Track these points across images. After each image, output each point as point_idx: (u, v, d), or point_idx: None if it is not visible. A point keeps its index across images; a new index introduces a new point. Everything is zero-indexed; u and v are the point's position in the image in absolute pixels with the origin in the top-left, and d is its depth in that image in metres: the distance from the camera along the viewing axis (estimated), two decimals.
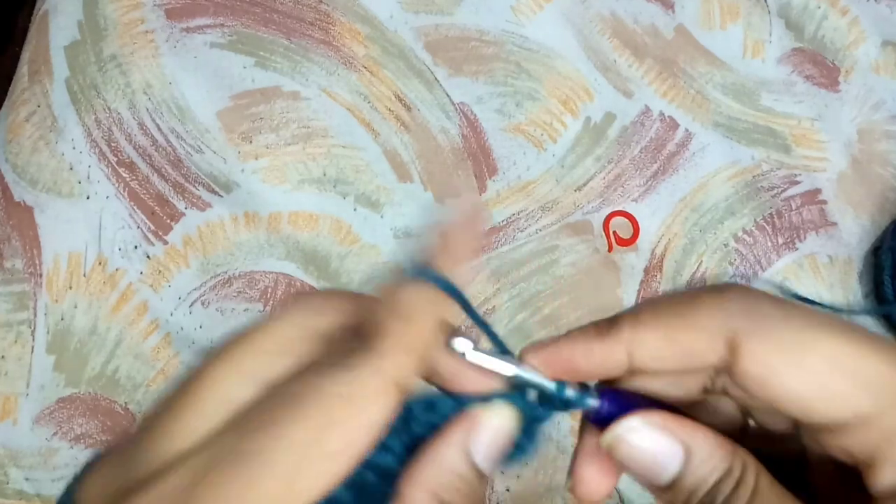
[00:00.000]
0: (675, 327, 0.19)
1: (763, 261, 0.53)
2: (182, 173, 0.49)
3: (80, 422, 0.46)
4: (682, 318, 0.19)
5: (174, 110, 0.50)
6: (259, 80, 0.51)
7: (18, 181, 0.49)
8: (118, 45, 0.51)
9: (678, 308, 0.20)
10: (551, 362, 0.21)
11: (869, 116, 0.58)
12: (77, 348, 0.47)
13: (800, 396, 0.18)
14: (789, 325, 0.18)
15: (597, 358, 0.20)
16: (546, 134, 0.54)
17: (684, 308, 0.19)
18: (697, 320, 0.19)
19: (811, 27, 0.59)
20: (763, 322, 0.18)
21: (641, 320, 0.20)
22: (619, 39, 0.57)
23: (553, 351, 0.21)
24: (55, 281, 0.47)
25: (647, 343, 0.19)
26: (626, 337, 0.20)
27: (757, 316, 0.18)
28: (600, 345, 0.20)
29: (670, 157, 0.55)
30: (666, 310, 0.20)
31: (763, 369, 0.18)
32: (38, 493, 0.45)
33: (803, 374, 0.18)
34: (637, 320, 0.20)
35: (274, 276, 0.49)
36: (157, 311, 0.48)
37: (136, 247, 0.48)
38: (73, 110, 0.50)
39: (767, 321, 0.18)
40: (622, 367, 0.20)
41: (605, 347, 0.20)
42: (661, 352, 0.19)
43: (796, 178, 0.55)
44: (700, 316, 0.19)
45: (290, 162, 0.50)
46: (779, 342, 0.18)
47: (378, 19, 0.54)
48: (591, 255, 0.52)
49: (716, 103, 0.56)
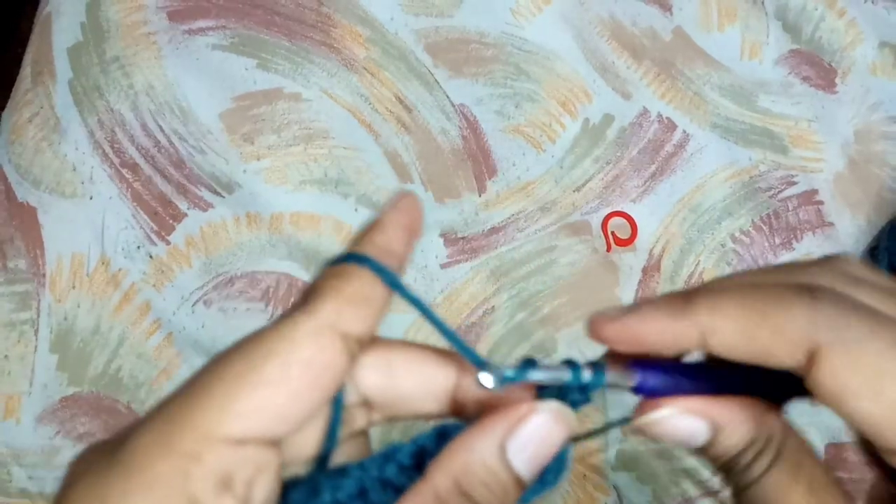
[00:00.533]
0: (756, 325, 0.18)
1: (760, 261, 0.53)
2: (184, 174, 0.50)
3: (83, 421, 0.46)
4: (766, 317, 0.18)
5: (176, 112, 0.51)
6: (261, 81, 0.52)
7: (22, 182, 0.49)
8: (121, 46, 0.52)
9: (764, 303, 0.19)
10: (620, 336, 0.20)
11: (866, 117, 0.58)
12: (80, 348, 0.47)
13: (873, 422, 0.18)
14: (875, 347, 0.18)
15: (668, 337, 0.19)
16: (545, 135, 0.54)
17: (771, 305, 0.18)
18: (782, 324, 0.18)
19: (808, 29, 0.59)
20: (848, 338, 0.18)
21: (721, 307, 0.19)
22: (618, 41, 0.57)
23: (622, 325, 0.20)
24: (58, 281, 0.48)
25: (723, 332, 0.19)
26: (702, 320, 0.19)
27: (843, 330, 0.18)
28: (673, 324, 0.19)
29: (668, 158, 0.55)
30: (751, 301, 0.19)
31: (840, 388, 0.18)
32: (40, 491, 0.45)
33: (880, 403, 0.17)
34: (716, 306, 0.19)
35: (276, 276, 0.49)
36: (160, 311, 0.48)
37: (139, 247, 0.49)
38: (75, 111, 0.50)
39: (852, 337, 0.18)
40: (692, 347, 0.19)
41: (679, 328, 0.19)
42: (737, 344, 0.19)
43: (793, 178, 0.56)
44: (786, 320, 0.18)
45: (291, 163, 0.51)
46: (860, 364, 0.17)
47: (378, 21, 0.55)
48: (589, 255, 0.52)
49: (713, 104, 0.57)
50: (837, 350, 0.17)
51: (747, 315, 0.18)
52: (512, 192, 0.53)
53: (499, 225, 0.52)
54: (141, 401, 0.47)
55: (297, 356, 0.18)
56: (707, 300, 0.19)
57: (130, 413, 0.47)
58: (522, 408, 0.19)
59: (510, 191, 0.53)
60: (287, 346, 0.18)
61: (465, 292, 0.51)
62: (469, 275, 0.51)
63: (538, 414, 0.19)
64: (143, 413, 0.47)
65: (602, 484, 0.49)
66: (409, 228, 0.21)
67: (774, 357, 0.18)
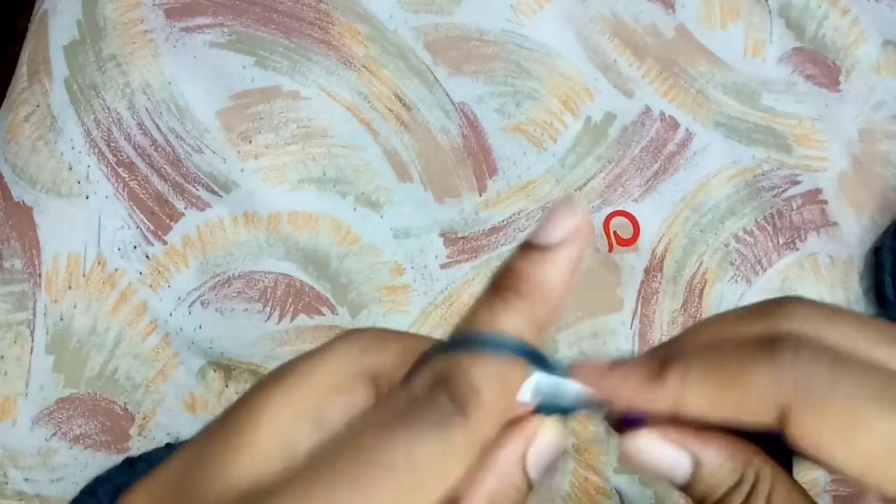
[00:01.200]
0: (723, 391, 0.19)
1: (764, 261, 0.53)
2: (181, 173, 0.49)
3: (80, 422, 0.46)
4: (732, 382, 0.19)
5: (173, 110, 0.50)
6: (258, 79, 0.51)
7: (17, 181, 0.49)
8: (117, 44, 0.51)
9: (730, 365, 0.19)
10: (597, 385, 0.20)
11: (870, 116, 0.58)
12: (76, 348, 0.47)
13: (855, 471, 0.18)
14: (841, 399, 0.17)
15: (644, 400, 0.20)
16: (546, 133, 0.54)
17: (736, 366, 0.19)
18: (748, 385, 0.18)
19: (812, 27, 0.59)
20: (813, 393, 0.18)
21: (690, 375, 0.19)
22: (620, 39, 0.57)
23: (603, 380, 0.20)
24: (54, 281, 0.47)
25: (694, 397, 0.19)
26: (673, 385, 0.19)
27: (809, 385, 0.18)
28: (649, 389, 0.20)
29: (671, 156, 0.54)
30: (716, 367, 0.19)
31: (815, 444, 0.18)
32: (37, 493, 0.45)
33: (855, 453, 0.17)
34: (687, 371, 0.19)
35: (274, 277, 0.49)
36: (157, 312, 0.48)
37: (136, 247, 0.48)
38: (72, 110, 0.50)
39: (819, 392, 0.18)
40: (666, 409, 0.20)
41: (654, 393, 0.20)
42: (708, 407, 0.19)
43: (797, 177, 0.55)
44: (751, 381, 0.18)
45: (289, 162, 0.50)
46: (829, 418, 0.17)
47: (378, 19, 0.54)
48: (591, 255, 0.51)
49: (716, 103, 0.56)
50: (804, 408, 0.18)
51: (714, 382, 0.19)
52: (513, 192, 0.52)
53: (500, 224, 0.52)
54: (137, 402, 0.47)
55: (445, 484, 0.17)
56: (678, 369, 0.19)
57: (127, 414, 0.47)
58: (534, 423, 0.20)
59: (511, 190, 0.52)
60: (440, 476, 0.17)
61: (465, 292, 0.50)
62: (470, 275, 0.50)
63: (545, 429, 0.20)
64: (139, 415, 0.47)
65: (603, 487, 0.48)
66: (578, 262, 0.21)
67: (746, 419, 0.19)
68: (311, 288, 0.49)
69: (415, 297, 0.49)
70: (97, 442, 0.46)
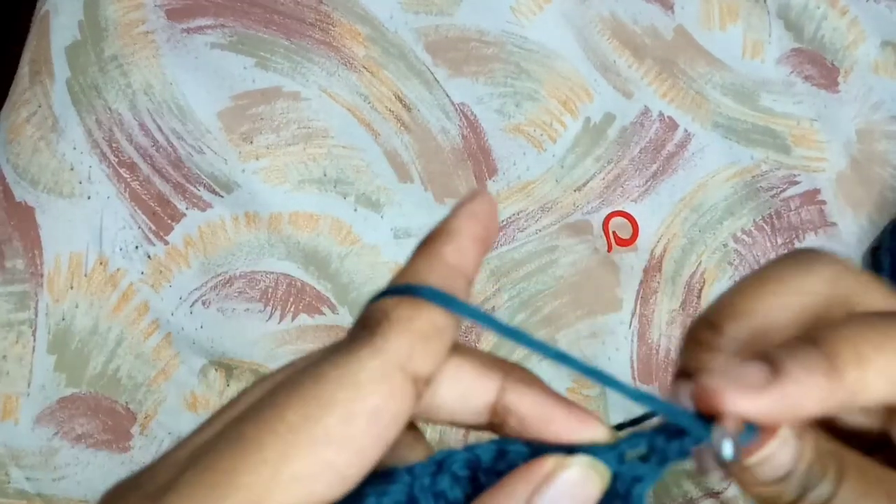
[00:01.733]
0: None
1: (762, 261, 0.53)
2: (183, 174, 0.50)
3: (81, 422, 0.46)
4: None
5: (175, 111, 0.50)
6: (259, 80, 0.52)
7: (19, 181, 0.49)
8: (119, 45, 0.51)
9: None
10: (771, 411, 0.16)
11: (868, 116, 0.58)
12: (78, 348, 0.47)
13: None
14: None
15: (825, 404, 0.16)
16: (546, 134, 0.54)
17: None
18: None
19: (811, 27, 0.59)
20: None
21: (870, 360, 0.16)
22: (619, 40, 0.57)
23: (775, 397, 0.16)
24: (56, 281, 0.48)
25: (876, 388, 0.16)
26: (852, 378, 0.16)
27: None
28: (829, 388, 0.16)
29: (670, 157, 0.55)
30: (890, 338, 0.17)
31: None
32: (39, 492, 0.45)
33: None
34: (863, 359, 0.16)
35: (275, 277, 0.49)
36: (158, 311, 0.48)
37: (137, 247, 0.48)
38: (73, 111, 0.50)
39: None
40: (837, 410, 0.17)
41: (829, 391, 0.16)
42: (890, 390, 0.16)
43: (795, 178, 0.55)
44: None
45: (290, 162, 0.50)
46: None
47: (378, 20, 0.54)
48: (590, 255, 0.52)
49: (715, 104, 0.56)
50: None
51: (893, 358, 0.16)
52: (512, 192, 0.52)
53: (499, 224, 0.52)
54: (139, 401, 0.47)
55: (363, 406, 0.15)
56: (853, 354, 0.16)
57: (128, 413, 0.47)
58: (548, 463, 0.17)
59: (511, 190, 0.52)
60: (350, 392, 0.15)
61: None
62: None
63: (567, 470, 0.17)
64: (141, 413, 0.47)
65: None
66: (484, 240, 0.18)
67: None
68: (312, 288, 0.49)
69: None
70: (99, 441, 0.46)
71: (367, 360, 0.16)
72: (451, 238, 0.18)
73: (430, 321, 0.16)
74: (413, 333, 0.16)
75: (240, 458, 0.15)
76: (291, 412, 0.15)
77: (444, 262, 0.17)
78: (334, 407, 0.15)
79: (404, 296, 0.17)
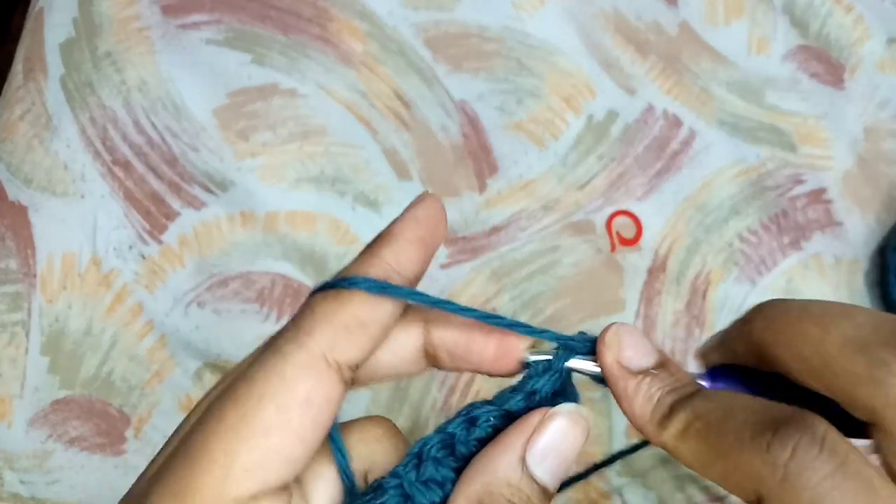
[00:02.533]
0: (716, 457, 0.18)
1: (768, 261, 0.52)
2: (177, 172, 0.49)
3: (75, 424, 0.46)
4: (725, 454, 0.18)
5: (169, 108, 0.50)
6: (256, 77, 0.51)
7: (12, 180, 0.48)
8: (113, 42, 0.51)
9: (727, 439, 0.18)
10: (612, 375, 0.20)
11: (875, 114, 0.57)
12: (72, 350, 0.46)
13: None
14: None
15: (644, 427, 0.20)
16: (548, 132, 0.53)
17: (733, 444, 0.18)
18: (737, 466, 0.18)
19: (816, 24, 0.58)
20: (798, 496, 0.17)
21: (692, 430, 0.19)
22: (622, 36, 0.56)
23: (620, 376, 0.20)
24: (49, 281, 0.47)
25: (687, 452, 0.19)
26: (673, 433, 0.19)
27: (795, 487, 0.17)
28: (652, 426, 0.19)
29: (674, 155, 0.54)
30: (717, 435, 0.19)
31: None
32: (32, 495, 0.45)
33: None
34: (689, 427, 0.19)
35: (271, 277, 0.48)
36: (152, 313, 0.47)
37: (131, 247, 0.48)
38: (67, 108, 0.49)
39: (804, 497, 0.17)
40: (661, 446, 0.19)
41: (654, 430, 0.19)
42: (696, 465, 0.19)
43: (802, 176, 0.54)
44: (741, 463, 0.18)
45: (287, 160, 0.50)
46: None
47: (377, 15, 0.53)
48: (593, 255, 0.51)
49: (720, 101, 0.55)
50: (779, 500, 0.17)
51: (707, 448, 0.18)
52: (514, 191, 0.52)
53: (500, 224, 0.51)
54: (133, 404, 0.46)
55: (293, 396, 0.17)
56: (682, 421, 0.19)
57: (123, 416, 0.46)
58: (535, 417, 0.19)
59: (512, 189, 0.52)
60: (279, 385, 0.17)
61: (465, 293, 0.50)
62: (470, 275, 0.50)
63: (554, 420, 0.18)
64: (134, 416, 0.46)
65: (605, 490, 0.48)
66: (425, 241, 0.20)
67: (725, 488, 0.18)
68: (309, 289, 0.48)
69: None
70: (93, 444, 0.46)
71: (291, 355, 0.18)
72: (391, 241, 0.19)
73: (352, 314, 0.18)
74: (335, 326, 0.18)
75: (192, 465, 0.17)
76: (230, 413, 0.17)
77: (381, 262, 0.19)
78: (266, 401, 0.17)
79: (335, 289, 0.18)
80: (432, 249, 0.20)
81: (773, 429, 0.17)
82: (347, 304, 0.18)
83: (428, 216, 0.20)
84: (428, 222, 0.20)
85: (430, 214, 0.20)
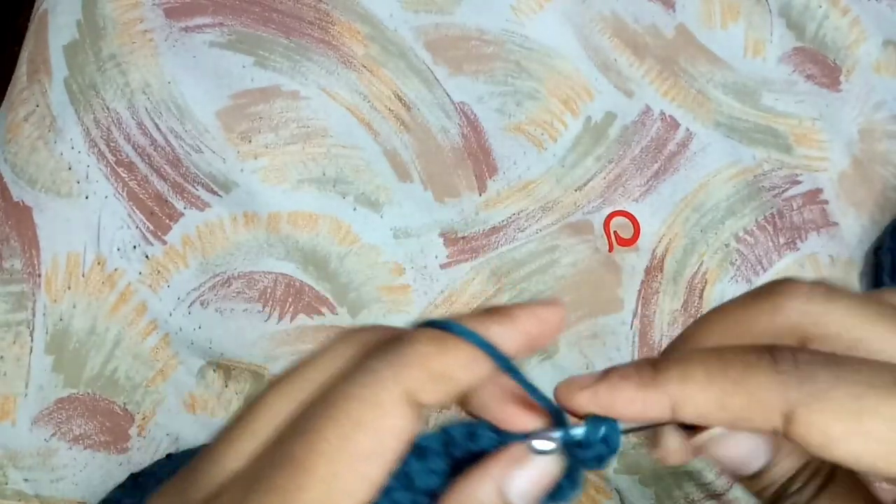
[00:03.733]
0: (729, 393, 0.18)
1: (764, 261, 0.53)
2: (181, 173, 0.49)
3: (79, 422, 0.46)
4: (737, 384, 0.18)
5: (173, 110, 0.50)
6: (258, 79, 0.51)
7: (17, 181, 0.49)
8: (117, 44, 0.51)
9: (733, 370, 0.18)
10: (590, 406, 0.20)
11: (870, 116, 0.57)
12: (76, 349, 0.47)
13: (868, 460, 0.17)
14: (846, 391, 0.18)
15: (637, 407, 0.19)
16: (546, 133, 0.54)
17: (738, 371, 0.18)
18: (752, 390, 0.18)
19: (812, 26, 0.59)
20: (818, 391, 0.18)
21: (691, 376, 0.19)
22: (620, 39, 0.56)
23: (592, 394, 0.19)
24: (54, 281, 0.47)
25: (695, 402, 0.19)
26: (672, 390, 0.19)
27: (812, 385, 0.18)
28: (643, 395, 0.19)
29: (671, 156, 0.54)
30: (720, 369, 0.19)
31: (825, 439, 0.18)
32: (36, 493, 0.45)
33: (868, 440, 0.17)
34: (686, 375, 0.19)
35: (273, 277, 0.49)
36: (156, 312, 0.48)
37: (135, 247, 0.48)
38: (71, 110, 0.50)
39: (822, 388, 0.18)
40: (665, 417, 0.19)
41: (648, 398, 0.19)
42: (710, 413, 0.19)
43: (797, 177, 0.55)
44: (754, 385, 0.18)
45: (289, 162, 0.50)
46: (836, 413, 0.17)
47: (378, 18, 0.54)
48: (591, 255, 0.51)
49: (717, 103, 0.56)
50: (809, 407, 0.17)
51: (719, 384, 0.18)
52: (513, 192, 0.52)
53: (499, 224, 0.51)
54: (137, 402, 0.47)
55: (388, 426, 0.17)
56: (677, 368, 0.19)
57: (126, 415, 0.47)
58: (517, 450, 0.19)
59: (511, 190, 0.52)
60: (377, 413, 0.17)
61: (465, 293, 0.50)
62: (469, 275, 0.50)
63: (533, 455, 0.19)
64: (139, 414, 0.47)
65: (604, 487, 0.48)
66: (531, 338, 0.20)
67: (750, 423, 0.18)
68: (311, 288, 0.49)
69: (415, 297, 0.49)
70: (97, 442, 0.46)
71: (388, 385, 0.18)
72: (504, 321, 0.20)
73: (443, 365, 0.18)
74: (427, 372, 0.18)
75: (298, 479, 0.17)
76: (330, 433, 0.17)
77: (487, 332, 0.19)
78: (366, 427, 0.17)
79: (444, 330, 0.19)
80: (532, 350, 0.20)
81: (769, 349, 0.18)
82: (444, 356, 0.18)
83: (549, 322, 0.20)
84: (544, 327, 0.20)
85: (551, 321, 0.20)
